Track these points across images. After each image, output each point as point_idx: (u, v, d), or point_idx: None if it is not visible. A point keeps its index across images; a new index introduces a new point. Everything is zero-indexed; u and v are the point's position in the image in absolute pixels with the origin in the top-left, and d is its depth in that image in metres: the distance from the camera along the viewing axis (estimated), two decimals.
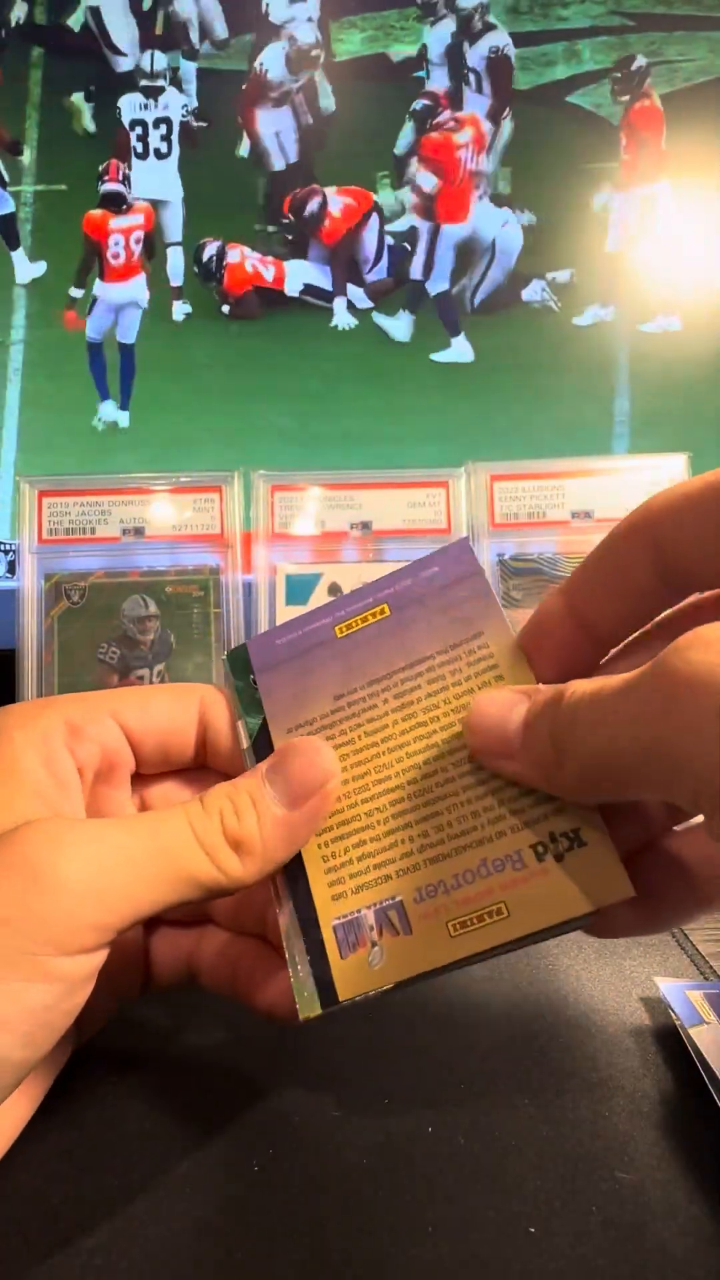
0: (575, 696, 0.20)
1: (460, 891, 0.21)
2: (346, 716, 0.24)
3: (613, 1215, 0.22)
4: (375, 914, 0.22)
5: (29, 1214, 0.23)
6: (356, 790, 0.23)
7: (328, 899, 0.23)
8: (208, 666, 0.48)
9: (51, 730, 0.23)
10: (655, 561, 0.20)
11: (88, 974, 0.20)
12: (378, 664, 0.24)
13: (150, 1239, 0.22)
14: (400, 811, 0.23)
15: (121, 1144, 0.25)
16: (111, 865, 0.20)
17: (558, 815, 0.21)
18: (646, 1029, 0.30)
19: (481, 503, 0.50)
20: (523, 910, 0.21)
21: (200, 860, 0.21)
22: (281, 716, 0.25)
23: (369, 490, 0.50)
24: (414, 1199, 0.23)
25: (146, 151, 0.78)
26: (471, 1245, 0.22)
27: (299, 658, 0.25)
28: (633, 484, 0.49)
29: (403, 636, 0.24)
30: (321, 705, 0.24)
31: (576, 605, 0.22)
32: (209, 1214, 0.23)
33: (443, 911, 0.21)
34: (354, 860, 0.23)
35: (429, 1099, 0.26)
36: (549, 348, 0.76)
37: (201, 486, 0.50)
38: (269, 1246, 0.22)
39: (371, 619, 0.25)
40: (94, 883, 0.20)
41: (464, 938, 0.21)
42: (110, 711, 0.24)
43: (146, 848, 0.21)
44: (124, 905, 0.20)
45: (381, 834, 0.23)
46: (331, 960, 0.22)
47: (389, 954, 0.21)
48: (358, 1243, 0.22)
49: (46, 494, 0.50)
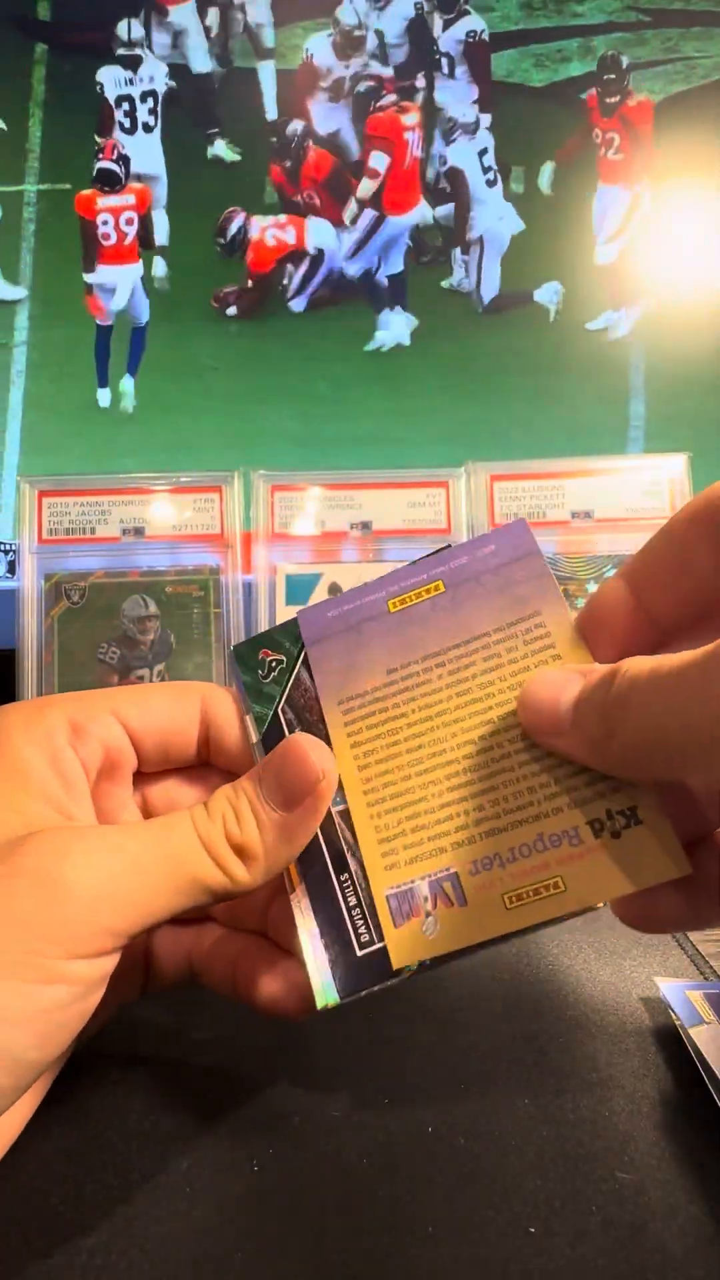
0: (630, 675, 0.20)
1: (516, 865, 0.22)
2: (399, 690, 0.24)
3: (613, 1215, 0.22)
4: (430, 885, 0.22)
5: (29, 1214, 0.23)
6: (411, 763, 0.23)
7: (381, 869, 0.23)
8: (208, 666, 0.48)
9: (54, 729, 0.23)
10: (716, 548, 0.20)
11: (101, 976, 0.20)
12: (432, 639, 0.24)
13: (150, 1239, 0.22)
14: (456, 785, 0.23)
15: (121, 1144, 0.25)
16: (121, 874, 0.20)
17: (614, 793, 0.21)
18: (646, 1029, 0.30)
19: (481, 503, 0.50)
20: (579, 885, 0.21)
21: (208, 867, 0.21)
22: (333, 689, 0.25)
23: (369, 490, 0.50)
24: (414, 1199, 0.23)
25: (135, 126, 0.78)
26: (471, 1245, 0.22)
27: (350, 631, 0.25)
28: (633, 484, 0.49)
29: (458, 613, 0.24)
30: (374, 678, 0.24)
31: (637, 588, 0.22)
32: (209, 1214, 0.23)
33: (498, 884, 0.22)
34: (408, 832, 0.23)
35: (429, 1099, 0.26)
36: (560, 350, 0.75)
37: (201, 486, 0.50)
38: (269, 1246, 0.22)
39: (426, 595, 0.25)
40: (105, 891, 0.20)
41: (520, 910, 0.21)
42: (111, 710, 0.24)
43: (156, 856, 0.21)
44: (135, 911, 0.20)
45: (436, 806, 0.23)
46: (385, 930, 0.22)
47: (444, 924, 0.22)
48: (358, 1243, 0.22)
49: (46, 494, 0.50)
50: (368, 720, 0.24)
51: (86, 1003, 0.20)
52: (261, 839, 0.22)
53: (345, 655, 0.25)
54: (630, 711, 0.19)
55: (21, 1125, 0.23)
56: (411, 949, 0.22)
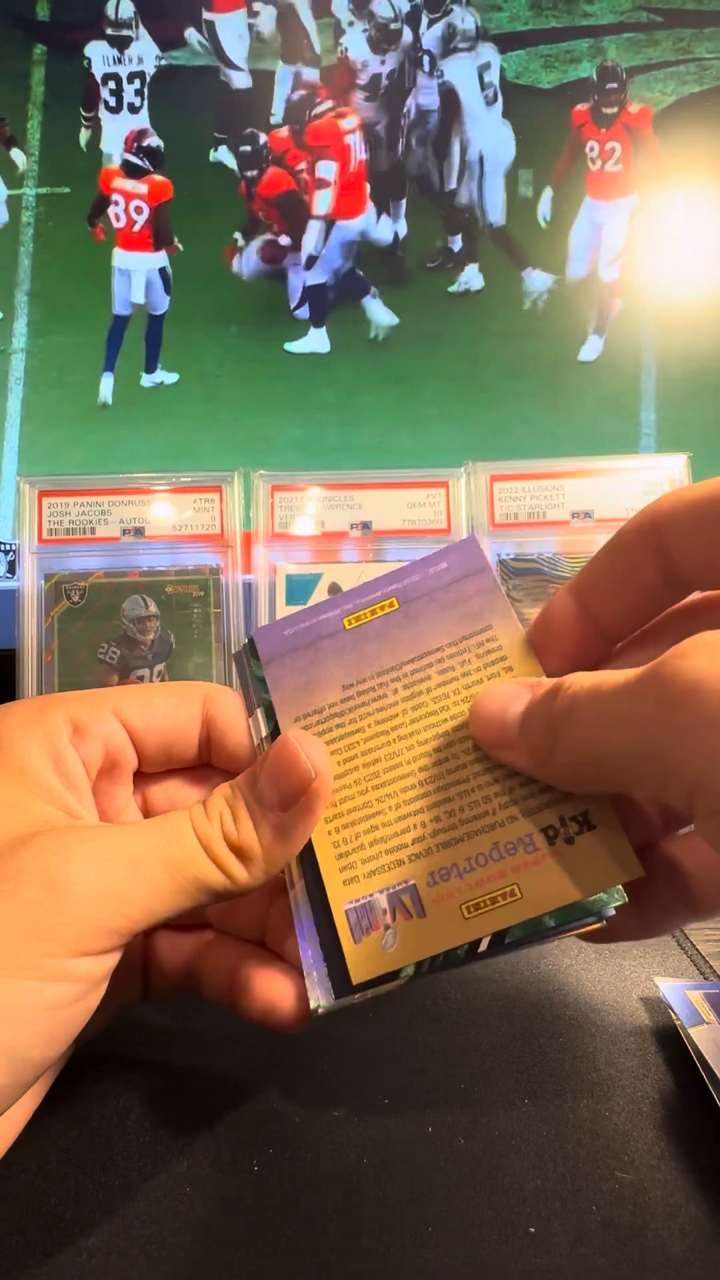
0: (571, 692, 0.20)
1: (473, 874, 0.22)
2: (356, 705, 0.24)
3: (613, 1215, 0.22)
4: (388, 897, 0.22)
5: (29, 1214, 0.23)
6: (367, 777, 0.24)
7: (339, 884, 0.23)
8: (208, 666, 0.48)
9: (56, 728, 0.23)
10: (660, 563, 0.21)
11: (103, 974, 0.21)
12: (387, 655, 0.25)
13: (150, 1239, 0.22)
14: (412, 798, 0.23)
15: (121, 1144, 0.25)
16: (123, 874, 0.20)
17: (566, 800, 0.22)
18: (646, 1029, 0.30)
19: (481, 503, 0.50)
20: (535, 890, 0.21)
21: (209, 868, 0.22)
22: (289, 705, 0.25)
23: (369, 490, 0.50)
24: (414, 1199, 0.23)
25: (120, 105, 0.77)
26: (471, 1245, 0.22)
27: (307, 648, 0.26)
28: (632, 484, 0.49)
29: (412, 629, 0.25)
30: (330, 694, 0.25)
31: (584, 601, 0.23)
32: (209, 1214, 0.23)
33: (456, 894, 0.22)
34: (366, 845, 0.23)
35: (429, 1099, 0.26)
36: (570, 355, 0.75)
37: (201, 487, 0.50)
38: (269, 1246, 0.22)
39: (380, 612, 0.25)
40: (106, 891, 0.20)
41: (478, 919, 0.21)
42: (113, 709, 0.24)
43: (158, 856, 0.21)
44: (136, 910, 0.20)
45: (393, 819, 0.23)
46: (345, 946, 0.22)
47: (403, 936, 0.22)
48: (358, 1243, 0.22)
49: (46, 494, 0.50)
50: (325, 736, 0.24)
51: (88, 1001, 0.21)
52: (259, 839, 0.22)
53: (302, 672, 0.25)
54: (573, 727, 0.20)
55: (22, 1124, 0.23)
56: (370, 965, 0.22)
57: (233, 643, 0.48)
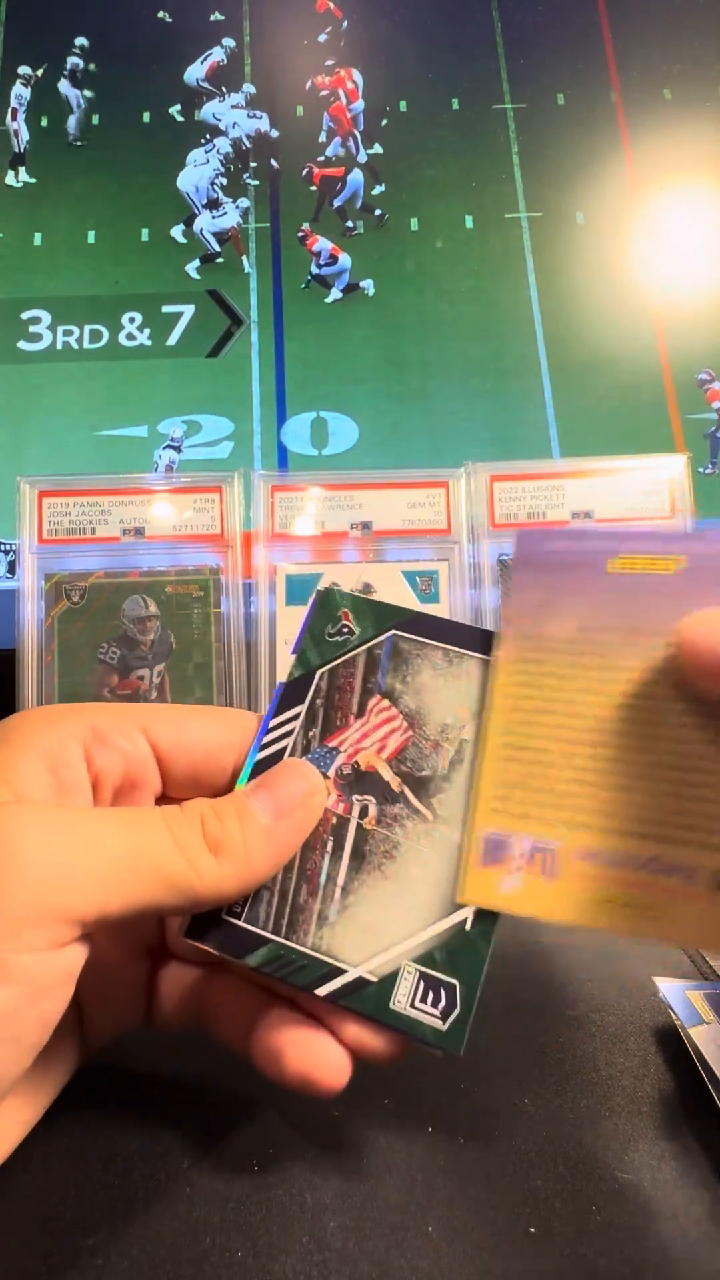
0: None
1: (620, 872, 0.21)
2: (583, 651, 0.23)
3: (613, 1215, 0.22)
4: (531, 845, 0.22)
5: (29, 1214, 0.23)
6: (559, 726, 0.23)
7: (489, 809, 0.22)
8: (208, 666, 0.48)
9: (69, 735, 0.22)
10: None
11: (56, 978, 0.19)
12: (644, 615, 0.23)
13: (150, 1239, 0.22)
14: (595, 769, 0.22)
15: (122, 1143, 0.25)
16: (80, 851, 0.19)
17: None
18: (646, 1029, 0.30)
19: (481, 503, 0.50)
20: (673, 923, 0.21)
21: (175, 859, 0.20)
22: (519, 620, 0.24)
23: (369, 490, 0.50)
24: (414, 1199, 0.23)
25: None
26: (471, 1245, 0.22)
27: (564, 570, 0.24)
28: (633, 484, 0.49)
29: (685, 599, 0.22)
30: (563, 627, 0.23)
31: None
32: (209, 1214, 0.23)
33: (597, 879, 0.21)
34: (531, 789, 0.22)
35: (429, 1099, 0.26)
36: None
37: (201, 487, 0.50)
38: (269, 1246, 0.22)
39: (656, 567, 0.23)
40: (59, 866, 0.18)
41: (602, 910, 0.21)
42: (142, 726, 0.24)
43: (119, 839, 0.20)
44: (91, 894, 0.19)
45: (568, 778, 0.22)
46: (468, 863, 0.22)
47: (525, 886, 0.22)
48: (358, 1243, 0.22)
49: (46, 494, 0.50)
50: (539, 666, 0.23)
51: (40, 1007, 0.18)
52: (243, 839, 0.21)
53: (546, 592, 0.24)
54: None
55: (21, 1136, 0.22)
56: (482, 893, 0.22)
57: (233, 643, 0.48)
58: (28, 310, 0.70)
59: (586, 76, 0.76)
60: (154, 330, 0.69)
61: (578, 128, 0.75)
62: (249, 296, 0.71)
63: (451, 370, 0.68)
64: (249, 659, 0.48)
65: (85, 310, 0.70)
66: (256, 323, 0.70)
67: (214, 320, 0.70)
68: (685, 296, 0.69)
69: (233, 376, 0.68)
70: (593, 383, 0.67)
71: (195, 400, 0.67)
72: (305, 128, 0.75)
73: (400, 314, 0.70)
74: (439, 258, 0.72)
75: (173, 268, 0.71)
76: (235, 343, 0.69)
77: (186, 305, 0.70)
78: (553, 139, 0.75)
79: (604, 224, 0.72)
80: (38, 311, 0.70)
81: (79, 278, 0.71)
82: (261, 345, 0.69)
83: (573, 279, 0.70)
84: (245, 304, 0.70)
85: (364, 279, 0.71)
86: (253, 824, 0.22)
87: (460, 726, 0.24)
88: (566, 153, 0.74)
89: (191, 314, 0.70)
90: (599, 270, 0.70)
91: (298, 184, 0.74)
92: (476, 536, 0.49)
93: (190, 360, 0.69)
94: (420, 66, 0.77)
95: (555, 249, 0.71)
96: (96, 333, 0.69)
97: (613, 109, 0.75)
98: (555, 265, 0.71)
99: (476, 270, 0.71)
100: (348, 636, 0.25)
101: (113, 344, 0.69)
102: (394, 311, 0.70)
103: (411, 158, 0.75)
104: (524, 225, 0.72)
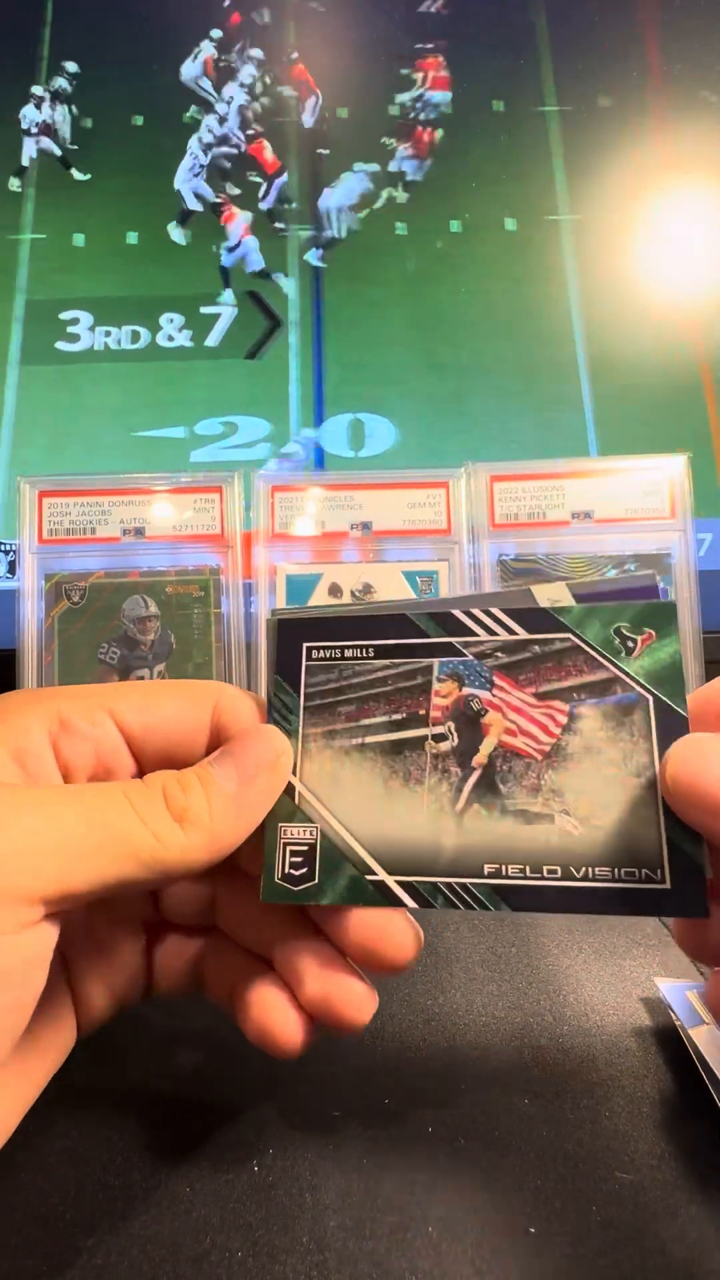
0: None
1: None
2: None
3: (613, 1215, 0.22)
4: None
5: (29, 1214, 0.23)
6: None
7: None
8: (208, 666, 0.48)
9: (34, 724, 0.22)
10: None
11: (27, 958, 0.18)
12: None
13: (150, 1239, 0.22)
14: None
15: (121, 1144, 0.25)
16: (40, 831, 0.18)
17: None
18: (646, 1029, 0.30)
19: (481, 503, 0.50)
20: None
21: (138, 831, 0.20)
22: None
23: (369, 490, 0.50)
24: (414, 1199, 0.23)
25: None
26: (471, 1245, 0.22)
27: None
28: (633, 484, 0.49)
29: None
30: None
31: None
32: (209, 1214, 0.23)
33: None
34: None
35: (429, 1099, 0.26)
36: None
37: (202, 487, 0.50)
38: (269, 1246, 0.22)
39: None
40: (20, 848, 0.18)
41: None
42: (110, 710, 0.23)
43: (80, 816, 0.19)
44: (51, 873, 0.18)
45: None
46: None
47: None
48: (358, 1243, 0.22)
49: (46, 494, 0.50)
50: None
51: (16, 994, 0.18)
52: (209, 806, 0.21)
53: None
54: None
55: (21, 1113, 0.22)
56: None
57: (233, 643, 0.48)
58: (67, 310, 0.70)
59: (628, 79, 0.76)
60: (195, 331, 0.69)
61: (619, 130, 0.74)
62: (287, 298, 0.71)
63: (489, 371, 0.68)
64: (249, 659, 0.48)
65: (125, 311, 0.70)
66: (296, 323, 0.70)
67: (253, 321, 0.70)
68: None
69: (270, 378, 0.68)
70: (630, 385, 0.67)
71: (233, 401, 0.67)
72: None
73: (439, 315, 0.70)
74: (479, 258, 0.71)
75: (211, 268, 0.71)
76: (274, 344, 0.69)
77: (226, 307, 0.70)
78: (594, 142, 0.74)
79: (640, 226, 0.72)
80: (77, 312, 0.70)
81: (119, 278, 0.71)
82: (301, 346, 0.69)
83: (613, 281, 0.70)
84: (283, 305, 0.70)
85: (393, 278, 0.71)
86: (217, 791, 0.21)
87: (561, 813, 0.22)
88: (607, 155, 0.74)
89: (232, 316, 0.70)
90: (636, 273, 0.70)
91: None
92: (477, 537, 0.49)
93: (229, 361, 0.69)
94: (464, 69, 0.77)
95: (595, 251, 0.71)
96: (135, 333, 0.69)
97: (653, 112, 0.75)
98: (595, 267, 0.70)
99: (516, 273, 0.71)
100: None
101: (152, 345, 0.69)
102: (433, 312, 0.70)
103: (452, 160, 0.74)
104: (563, 227, 0.72)
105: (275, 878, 0.23)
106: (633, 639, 0.23)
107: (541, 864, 0.22)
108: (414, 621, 0.24)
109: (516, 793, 0.22)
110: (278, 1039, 0.23)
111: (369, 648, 0.24)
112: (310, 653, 0.24)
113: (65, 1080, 0.25)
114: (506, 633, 0.24)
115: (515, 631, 0.24)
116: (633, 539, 0.49)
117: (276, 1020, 0.23)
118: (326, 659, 0.24)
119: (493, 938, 0.36)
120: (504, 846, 0.22)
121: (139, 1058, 0.28)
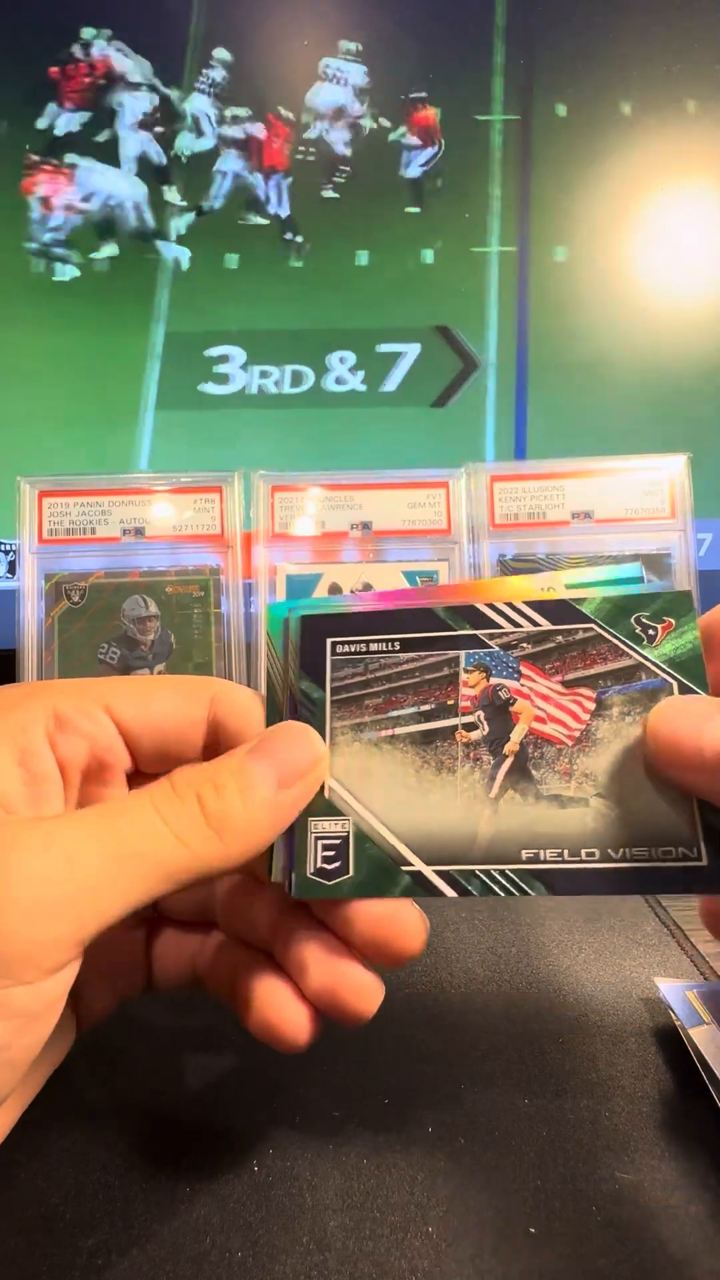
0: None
1: None
2: None
3: (613, 1215, 0.22)
4: None
5: (29, 1214, 0.23)
6: None
7: None
8: (208, 667, 0.48)
9: (31, 722, 0.21)
10: None
11: (51, 1001, 0.18)
12: None
13: (150, 1239, 0.22)
14: None
15: (121, 1143, 0.25)
16: (63, 879, 0.18)
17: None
18: (646, 1029, 0.30)
19: (481, 503, 0.50)
20: None
21: (173, 850, 0.19)
22: None
23: (369, 491, 0.50)
24: (414, 1199, 0.23)
25: None
26: (471, 1245, 0.22)
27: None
28: (633, 484, 0.49)
29: None
30: None
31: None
32: (209, 1214, 0.23)
33: None
34: None
35: (429, 1099, 0.26)
36: None
37: (202, 487, 0.50)
38: (269, 1246, 0.22)
39: None
40: (41, 897, 0.17)
41: None
42: (104, 705, 0.22)
43: (108, 848, 0.19)
44: (85, 914, 0.18)
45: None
46: None
47: None
48: (358, 1243, 0.22)
49: (46, 494, 0.50)
50: None
51: (36, 1034, 0.18)
52: (247, 814, 0.20)
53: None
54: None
55: (17, 1115, 0.22)
56: None
57: (233, 643, 0.48)
58: (215, 347, 0.59)
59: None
60: (368, 373, 0.59)
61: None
62: (486, 333, 0.59)
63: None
64: (249, 659, 0.48)
65: (286, 348, 0.59)
66: (494, 365, 0.59)
67: (443, 361, 0.59)
68: None
69: (463, 428, 0.58)
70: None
71: (416, 457, 0.56)
72: None
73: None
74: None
75: (396, 298, 0.59)
76: (467, 389, 0.58)
77: (410, 344, 0.58)
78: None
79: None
80: (227, 348, 0.59)
81: (280, 309, 0.59)
82: (499, 393, 0.58)
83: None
84: (480, 342, 0.58)
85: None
86: (255, 796, 0.21)
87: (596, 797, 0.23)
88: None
89: (416, 354, 0.59)
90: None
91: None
92: (477, 537, 0.49)
93: (412, 410, 0.58)
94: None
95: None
96: (299, 375, 0.59)
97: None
98: None
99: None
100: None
101: (316, 388, 0.59)
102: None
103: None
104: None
105: (308, 872, 0.22)
106: (654, 627, 0.23)
107: (579, 847, 0.22)
108: (438, 615, 0.24)
109: (550, 778, 0.23)
110: (283, 1032, 0.22)
111: (395, 641, 0.24)
112: (335, 647, 0.24)
113: (65, 1080, 0.25)
114: (530, 624, 0.24)
115: (538, 623, 0.24)
116: (633, 539, 0.49)
117: (281, 1013, 0.22)
118: (352, 653, 0.24)
119: (493, 938, 0.36)
120: (540, 831, 0.22)
121: (139, 1057, 0.28)
